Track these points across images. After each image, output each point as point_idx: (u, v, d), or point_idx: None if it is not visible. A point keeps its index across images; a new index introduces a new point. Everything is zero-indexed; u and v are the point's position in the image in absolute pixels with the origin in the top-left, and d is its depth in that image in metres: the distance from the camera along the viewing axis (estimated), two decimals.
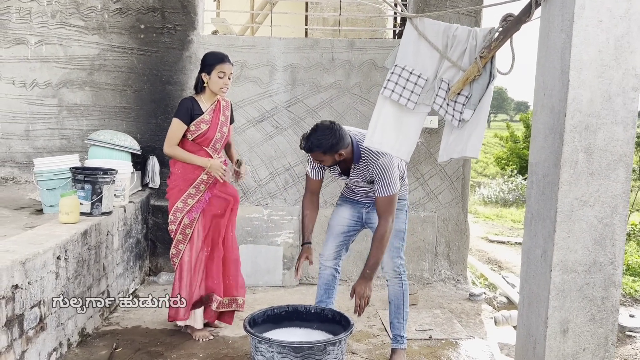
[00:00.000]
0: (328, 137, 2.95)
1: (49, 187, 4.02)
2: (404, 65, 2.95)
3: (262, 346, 3.07)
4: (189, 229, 3.57)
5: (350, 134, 3.12)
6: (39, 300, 2.96)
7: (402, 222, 3.35)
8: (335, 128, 2.99)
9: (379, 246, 3.12)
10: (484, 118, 2.80)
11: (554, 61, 2.51)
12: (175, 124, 3.51)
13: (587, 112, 2.39)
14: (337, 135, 2.97)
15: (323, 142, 2.95)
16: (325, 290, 3.56)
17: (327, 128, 2.98)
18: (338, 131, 2.98)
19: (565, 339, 2.51)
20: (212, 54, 3.57)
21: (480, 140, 2.79)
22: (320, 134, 2.96)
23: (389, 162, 3.06)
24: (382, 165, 3.05)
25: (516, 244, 8.97)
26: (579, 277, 2.48)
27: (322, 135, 2.95)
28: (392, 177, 3.07)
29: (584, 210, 2.44)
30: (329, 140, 2.95)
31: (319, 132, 2.97)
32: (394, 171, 3.08)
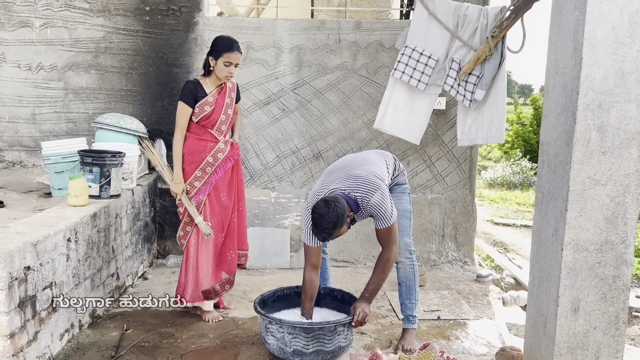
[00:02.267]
0: (332, 216, 2.87)
1: (57, 170, 4.02)
2: (414, 46, 2.93)
3: (272, 327, 3.10)
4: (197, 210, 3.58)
5: (337, 193, 3.05)
6: (50, 282, 2.97)
7: (406, 203, 3.36)
8: (331, 203, 2.91)
9: (383, 270, 3.12)
10: (503, 101, 2.78)
11: (567, 39, 2.49)
12: (180, 108, 3.52)
13: (600, 90, 2.37)
14: (337, 208, 2.89)
15: (332, 222, 2.88)
16: (321, 274, 3.57)
17: (325, 208, 2.89)
18: (334, 204, 2.90)
19: (576, 317, 2.52)
20: (222, 40, 3.52)
21: (504, 125, 2.78)
22: (326, 218, 2.88)
23: (381, 196, 3.02)
24: (376, 203, 3.01)
25: (522, 227, 8.97)
26: (590, 256, 2.48)
27: (328, 218, 2.88)
28: (388, 209, 3.03)
29: (596, 189, 2.43)
30: (336, 218, 2.88)
31: (324, 219, 2.88)
32: (388, 205, 3.04)
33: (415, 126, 2.96)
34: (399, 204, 3.34)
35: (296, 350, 3.05)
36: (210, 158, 3.56)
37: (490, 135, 2.82)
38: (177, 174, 3.56)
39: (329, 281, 3.62)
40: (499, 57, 2.82)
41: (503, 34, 2.77)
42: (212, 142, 3.58)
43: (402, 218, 3.33)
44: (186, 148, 3.55)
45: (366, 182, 3.06)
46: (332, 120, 4.93)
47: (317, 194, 3.15)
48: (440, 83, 2.92)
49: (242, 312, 3.87)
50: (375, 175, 3.11)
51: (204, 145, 3.56)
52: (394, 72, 2.94)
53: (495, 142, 2.83)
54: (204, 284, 3.62)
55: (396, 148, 4.74)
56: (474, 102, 2.87)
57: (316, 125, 4.96)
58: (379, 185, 3.05)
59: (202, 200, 3.58)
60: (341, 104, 4.91)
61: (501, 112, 2.79)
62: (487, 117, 2.84)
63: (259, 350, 3.28)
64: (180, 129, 3.52)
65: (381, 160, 3.30)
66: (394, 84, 2.98)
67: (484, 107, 2.84)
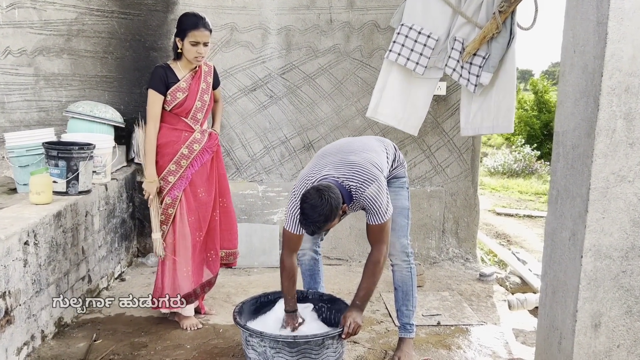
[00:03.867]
0: (325, 208, 2.50)
1: (21, 164, 3.68)
2: (411, 24, 2.58)
3: (253, 340, 2.77)
4: (172, 208, 3.23)
5: (330, 180, 2.68)
6: (3, 292, 2.65)
7: (404, 199, 3.02)
8: (324, 193, 2.53)
9: (373, 274, 2.77)
10: (513, 85, 2.43)
11: (588, 11, 2.13)
12: (150, 97, 3.16)
13: (627, 71, 2.02)
14: (331, 200, 2.52)
15: (325, 215, 2.51)
16: (310, 276, 3.25)
17: (317, 199, 2.51)
18: (327, 195, 2.52)
19: (597, 334, 2.19)
20: (187, 18, 3.16)
21: (513, 113, 2.43)
22: (318, 211, 2.50)
23: (378, 189, 2.67)
24: (371, 195, 2.66)
25: (525, 217, 8.65)
26: (614, 264, 2.15)
27: (320, 210, 2.50)
28: (382, 204, 2.69)
29: (621, 186, 2.09)
30: (329, 211, 2.51)
31: (316, 211, 2.50)
32: (383, 199, 2.70)
33: (414, 115, 2.62)
34: (396, 200, 2.99)
35: None
36: (185, 150, 3.21)
37: (498, 124, 2.48)
38: (150, 172, 3.19)
39: (321, 285, 3.28)
40: (508, 35, 2.47)
41: (512, 9, 2.42)
42: (187, 132, 3.23)
43: (400, 216, 2.99)
44: (159, 139, 3.19)
45: (363, 171, 2.68)
46: (323, 108, 4.58)
47: (307, 178, 2.77)
48: (441, 66, 2.58)
49: (225, 318, 3.54)
50: (373, 164, 2.74)
51: (178, 135, 3.21)
52: (389, 53, 2.60)
53: (503, 132, 2.49)
54: (183, 288, 3.29)
55: (393, 137, 4.37)
56: (479, 86, 2.52)
57: (306, 113, 4.60)
58: (377, 176, 2.69)
59: (178, 196, 3.23)
60: (333, 90, 4.56)
61: (510, 98, 2.45)
62: (495, 103, 2.49)
63: None
64: (153, 120, 3.16)
65: (381, 148, 2.92)
66: (389, 67, 2.64)
67: (491, 93, 2.49)
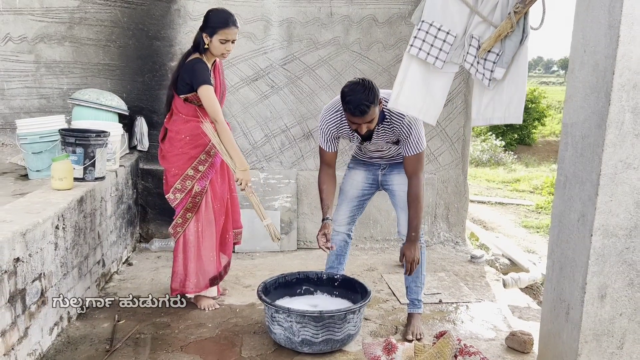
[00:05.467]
0: (370, 89, 2.75)
1: (34, 150, 3.74)
2: (431, 21, 2.76)
3: (279, 316, 2.95)
4: (200, 197, 3.36)
5: None
6: (39, 273, 2.75)
7: None
8: (365, 80, 2.80)
9: (417, 206, 3.05)
10: (524, 79, 2.67)
11: (599, 15, 2.38)
12: (208, 92, 3.15)
13: (636, 69, 2.27)
14: (372, 84, 2.78)
15: (371, 95, 2.74)
16: (337, 256, 3.45)
17: (361, 85, 2.76)
18: (370, 81, 2.79)
19: (602, 304, 2.45)
20: (217, 14, 3.21)
21: (522, 105, 2.66)
22: (362, 92, 2.74)
23: (415, 119, 2.93)
24: (409, 123, 2.93)
25: (496, 204, 9.05)
26: (619, 242, 2.41)
27: (364, 91, 2.74)
28: (420, 134, 2.97)
29: (627, 172, 2.35)
30: (374, 92, 2.76)
31: (360, 92, 2.74)
32: (420, 128, 2.98)
33: (433, 106, 2.82)
34: None
35: (305, 340, 2.92)
36: None
37: (509, 114, 2.71)
38: (240, 161, 3.24)
39: (343, 267, 3.48)
40: (521, 33, 2.69)
41: (526, 10, 2.65)
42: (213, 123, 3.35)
43: None
44: (189, 131, 3.28)
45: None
46: (323, 98, 4.75)
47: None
48: (458, 61, 2.78)
49: (238, 299, 3.71)
50: None
51: None
52: (410, 48, 2.77)
53: (514, 122, 2.73)
54: (210, 271, 3.44)
55: None
56: (492, 80, 2.75)
57: (306, 103, 4.77)
58: None
59: (206, 185, 3.36)
60: (333, 81, 4.73)
61: (522, 91, 2.68)
62: (507, 96, 2.72)
63: (262, 340, 3.13)
64: (220, 113, 3.20)
65: None
66: (409, 61, 2.82)
67: (503, 86, 2.72)
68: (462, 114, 4.87)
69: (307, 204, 4.85)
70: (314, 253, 4.70)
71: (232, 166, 3.28)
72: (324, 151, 3.18)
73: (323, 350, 2.96)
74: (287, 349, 3.00)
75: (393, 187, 3.25)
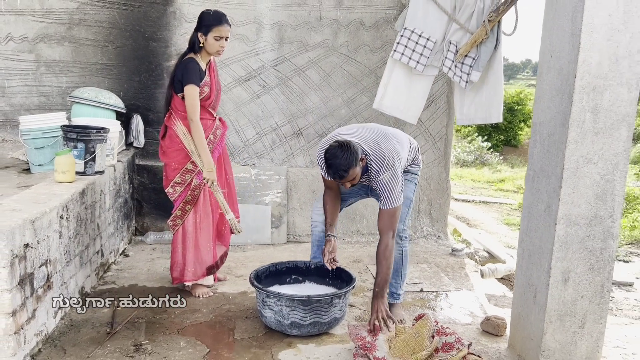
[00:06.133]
0: (349, 153, 2.91)
1: (37, 145, 3.93)
2: (413, 28, 3.00)
3: (270, 300, 3.16)
4: (198, 189, 3.56)
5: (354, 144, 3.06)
6: (46, 259, 2.94)
7: (410, 192, 3.41)
8: (346, 144, 2.95)
9: (385, 263, 3.09)
10: (500, 82, 2.90)
11: (563, 24, 2.62)
12: (192, 91, 3.36)
13: (595, 74, 2.52)
14: (352, 148, 2.93)
15: (350, 159, 2.90)
16: (318, 247, 3.62)
17: (340, 149, 2.92)
18: (350, 145, 2.94)
19: (566, 287, 2.70)
20: (209, 14, 3.44)
21: (502, 105, 2.89)
22: (341, 157, 2.90)
23: (392, 176, 3.04)
24: (385, 181, 3.04)
25: (480, 202, 9.30)
26: (580, 230, 2.65)
27: (344, 156, 2.90)
28: (395, 191, 3.05)
29: (588, 167, 2.59)
30: (352, 155, 2.91)
31: (340, 157, 2.90)
32: (397, 185, 3.06)
33: (414, 107, 3.05)
34: (404, 190, 3.40)
35: (294, 323, 3.13)
36: (212, 136, 3.54)
37: (490, 115, 2.95)
38: (208, 161, 3.44)
39: None
40: (495, 40, 2.93)
41: (499, 18, 2.88)
42: (211, 121, 3.56)
43: (402, 206, 3.40)
44: (187, 128, 3.48)
45: (385, 157, 3.05)
46: (312, 98, 4.97)
47: (337, 136, 3.15)
48: (437, 64, 3.01)
49: (231, 288, 3.91)
50: (396, 154, 3.09)
51: (205, 124, 3.49)
52: (394, 53, 3.00)
53: (496, 121, 2.96)
54: (207, 261, 3.64)
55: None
56: (469, 83, 2.97)
57: (297, 103, 4.99)
58: (395, 167, 3.04)
59: None
60: (322, 82, 4.95)
61: (499, 93, 2.91)
62: (486, 98, 2.95)
63: (254, 324, 3.34)
64: (198, 114, 3.39)
65: (407, 145, 3.29)
66: (393, 64, 3.05)
67: (483, 89, 2.95)
68: (445, 114, 5.10)
69: (297, 199, 5.07)
70: (303, 246, 4.91)
71: (200, 165, 3.48)
72: (325, 179, 3.33)
73: (311, 332, 3.17)
74: (277, 332, 3.21)
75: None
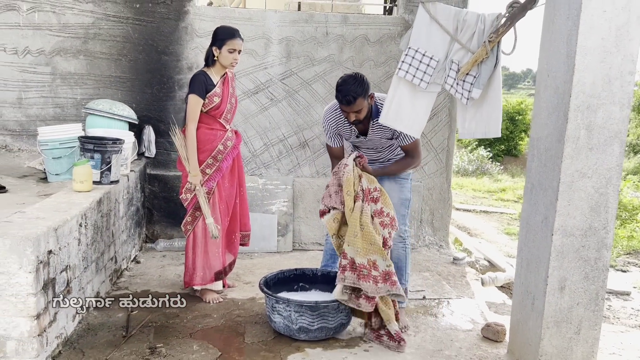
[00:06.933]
0: (360, 83, 3.19)
1: (54, 155, 4.08)
2: (417, 47, 3.16)
3: (279, 306, 3.30)
4: (208, 196, 3.72)
5: None
6: (66, 265, 3.08)
7: (407, 191, 3.60)
8: (359, 75, 3.24)
9: (398, 166, 3.51)
10: (499, 99, 3.06)
11: (559, 46, 2.77)
12: (192, 100, 3.60)
13: (589, 93, 2.67)
14: (365, 81, 3.22)
15: (359, 88, 3.18)
16: (331, 255, 3.78)
17: (352, 78, 3.21)
18: (362, 77, 3.23)
19: (562, 294, 2.84)
20: (224, 29, 3.67)
21: (500, 120, 3.05)
22: (352, 84, 3.18)
23: None
24: None
25: (481, 212, 9.44)
26: (576, 241, 2.80)
27: (355, 84, 3.17)
28: None
29: (583, 181, 2.74)
30: (363, 85, 3.20)
31: (350, 84, 3.18)
32: None
33: (417, 121, 3.20)
34: (401, 191, 3.56)
35: (302, 327, 3.27)
36: (221, 146, 3.71)
37: (489, 130, 3.10)
38: (193, 166, 3.65)
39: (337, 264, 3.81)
40: (495, 59, 3.08)
41: (499, 39, 3.04)
42: (222, 131, 3.72)
43: (402, 207, 3.56)
44: (199, 137, 3.66)
45: None
46: (318, 110, 5.13)
47: None
48: (440, 82, 3.16)
49: (240, 294, 4.05)
50: None
51: (215, 134, 3.69)
52: (399, 71, 3.16)
53: (493, 136, 3.12)
54: (215, 266, 3.80)
55: None
56: (470, 100, 3.12)
57: (303, 115, 5.15)
58: None
59: (213, 187, 3.72)
60: (327, 95, 5.11)
61: (498, 109, 3.06)
62: (486, 113, 3.10)
63: (263, 329, 3.48)
64: (193, 122, 3.62)
65: None
66: (397, 82, 3.20)
67: (483, 105, 3.10)
68: (447, 127, 5.27)
69: (303, 209, 5.22)
70: (308, 254, 5.06)
71: (188, 169, 3.70)
72: (331, 147, 3.62)
73: (318, 337, 3.31)
74: (286, 336, 3.34)
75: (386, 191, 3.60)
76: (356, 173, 3.34)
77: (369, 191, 3.31)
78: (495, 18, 3.07)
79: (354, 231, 3.23)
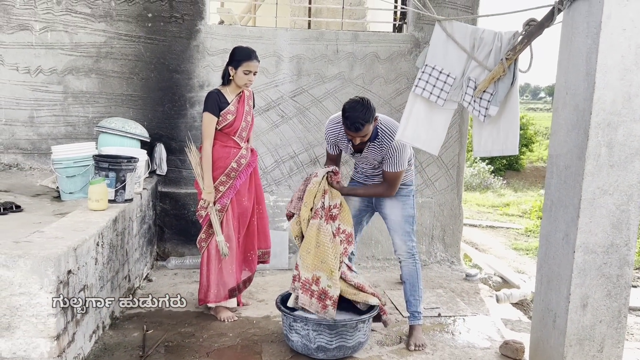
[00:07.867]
0: (367, 109, 3.21)
1: (68, 174, 4.08)
2: (434, 65, 3.18)
3: (297, 325, 3.29)
4: (221, 214, 3.72)
5: None
6: (84, 285, 3.07)
7: (410, 208, 3.58)
8: (365, 100, 3.27)
9: (368, 190, 3.58)
10: (516, 116, 3.07)
11: (579, 64, 2.79)
12: (206, 118, 3.64)
13: (609, 110, 2.68)
14: (371, 106, 3.25)
15: (367, 114, 3.20)
16: None
17: (360, 103, 3.23)
18: (369, 102, 3.26)
19: (584, 312, 2.82)
20: (241, 50, 3.69)
21: (518, 138, 3.05)
22: (360, 110, 3.20)
23: (402, 145, 3.33)
24: (396, 147, 3.33)
25: (487, 227, 9.41)
26: (598, 258, 2.79)
27: (362, 110, 3.20)
28: (402, 158, 3.36)
29: (604, 198, 2.74)
30: (370, 111, 3.22)
31: (359, 110, 3.20)
32: (404, 154, 3.37)
33: (435, 138, 3.21)
34: (404, 209, 3.56)
35: (320, 346, 3.25)
36: (234, 164, 3.72)
37: (506, 147, 3.10)
38: (208, 183, 3.67)
39: None
40: (512, 76, 3.09)
41: (516, 57, 3.05)
42: (235, 149, 3.74)
43: (406, 223, 3.56)
44: (212, 154, 3.67)
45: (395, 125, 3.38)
46: None
47: None
48: (457, 99, 3.18)
49: (254, 312, 4.03)
50: None
51: (228, 151, 3.71)
52: (415, 88, 3.17)
53: (511, 154, 3.12)
54: (229, 283, 3.79)
55: None
56: (487, 117, 3.13)
57: (314, 132, 5.16)
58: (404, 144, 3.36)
59: (226, 204, 3.73)
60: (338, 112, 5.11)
61: (515, 126, 3.07)
62: (503, 131, 3.11)
63: (280, 347, 3.46)
64: (209, 139, 3.65)
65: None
66: (414, 99, 3.21)
67: (499, 122, 3.11)
68: (457, 143, 5.28)
69: None
70: None
71: (202, 186, 3.73)
72: (329, 153, 3.70)
73: (336, 356, 3.29)
74: (304, 355, 3.32)
75: (385, 210, 3.60)
76: (322, 187, 3.44)
77: (329, 208, 3.42)
78: (512, 36, 3.09)
79: (308, 247, 3.37)
